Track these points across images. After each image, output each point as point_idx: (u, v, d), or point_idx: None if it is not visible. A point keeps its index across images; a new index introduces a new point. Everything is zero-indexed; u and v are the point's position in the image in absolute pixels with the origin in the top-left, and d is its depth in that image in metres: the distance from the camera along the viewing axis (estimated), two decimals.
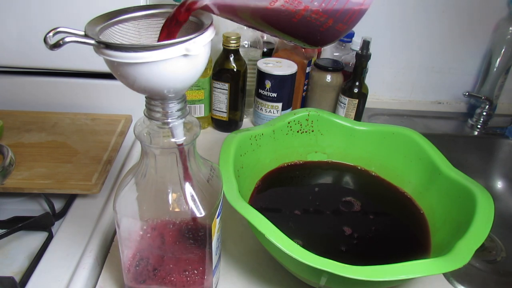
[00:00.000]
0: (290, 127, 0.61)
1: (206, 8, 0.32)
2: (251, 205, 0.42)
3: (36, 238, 0.50)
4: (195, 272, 0.39)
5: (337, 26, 0.37)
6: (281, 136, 0.60)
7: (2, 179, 0.48)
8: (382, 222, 0.54)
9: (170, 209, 0.36)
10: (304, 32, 0.38)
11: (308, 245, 0.40)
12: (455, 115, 0.93)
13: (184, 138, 0.34)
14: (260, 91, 0.76)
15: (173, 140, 0.34)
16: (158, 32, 0.33)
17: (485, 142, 0.84)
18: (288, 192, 0.58)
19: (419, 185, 0.56)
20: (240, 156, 0.53)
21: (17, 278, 0.43)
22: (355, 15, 0.38)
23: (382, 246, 0.50)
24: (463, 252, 0.38)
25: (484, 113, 0.85)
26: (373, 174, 0.61)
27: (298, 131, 0.62)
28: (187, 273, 0.39)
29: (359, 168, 0.62)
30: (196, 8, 0.32)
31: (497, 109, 0.91)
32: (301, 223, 0.52)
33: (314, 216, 0.54)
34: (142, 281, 0.41)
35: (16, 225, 0.49)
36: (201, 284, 0.40)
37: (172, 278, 0.40)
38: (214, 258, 0.40)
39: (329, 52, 0.88)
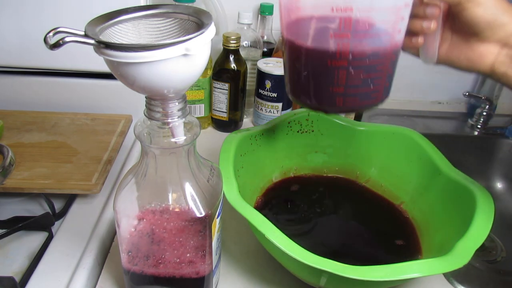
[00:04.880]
0: (290, 127, 0.61)
1: None
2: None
3: (36, 238, 0.50)
4: (195, 272, 0.39)
5: (339, 97, 0.38)
6: (281, 136, 0.60)
7: (2, 179, 0.48)
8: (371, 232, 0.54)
9: (170, 209, 0.36)
10: (316, 77, 0.38)
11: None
12: (455, 115, 0.93)
13: (184, 138, 0.34)
14: (260, 91, 0.76)
15: (173, 140, 0.34)
16: (158, 32, 0.33)
17: (485, 142, 0.84)
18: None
19: (419, 185, 0.56)
20: (240, 156, 0.52)
21: (17, 278, 0.43)
22: (358, 104, 0.39)
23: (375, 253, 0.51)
24: (463, 252, 0.38)
25: (484, 113, 0.85)
26: (367, 186, 0.61)
27: (298, 131, 0.62)
28: (187, 273, 0.39)
29: (358, 183, 0.62)
30: None
31: (497, 109, 0.91)
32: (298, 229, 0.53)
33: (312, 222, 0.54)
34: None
35: (16, 225, 0.49)
36: (201, 284, 0.41)
37: (172, 278, 0.40)
38: (214, 258, 0.40)
39: None
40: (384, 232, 0.55)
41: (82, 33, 0.29)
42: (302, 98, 0.41)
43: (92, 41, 0.28)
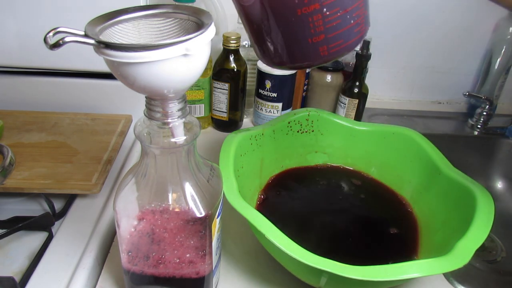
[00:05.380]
0: (290, 127, 0.61)
1: None
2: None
3: (36, 238, 0.50)
4: (195, 272, 0.39)
5: (322, 47, 0.34)
6: (281, 136, 0.60)
7: (2, 179, 0.48)
8: (377, 225, 0.54)
9: (170, 209, 0.36)
10: (288, 34, 0.34)
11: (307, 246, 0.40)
12: (455, 115, 0.93)
13: (184, 138, 0.34)
14: (260, 91, 0.76)
15: (173, 140, 0.34)
16: (158, 32, 0.33)
17: (485, 142, 0.84)
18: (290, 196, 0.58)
19: (419, 185, 0.56)
20: (240, 156, 0.52)
21: (17, 278, 0.43)
22: (343, 46, 0.34)
23: (377, 248, 0.51)
24: (463, 252, 0.38)
25: (484, 113, 0.85)
26: (373, 177, 0.61)
27: (298, 131, 0.62)
28: (187, 273, 0.39)
29: (361, 173, 0.62)
30: None
31: (497, 109, 0.91)
32: (300, 226, 0.53)
33: (314, 218, 0.54)
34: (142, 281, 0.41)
35: (16, 225, 0.49)
36: (201, 284, 0.40)
37: (172, 278, 0.40)
38: (214, 258, 0.40)
39: None
40: (384, 223, 0.55)
41: (82, 33, 0.29)
42: (281, 62, 0.36)
43: (92, 41, 0.28)
